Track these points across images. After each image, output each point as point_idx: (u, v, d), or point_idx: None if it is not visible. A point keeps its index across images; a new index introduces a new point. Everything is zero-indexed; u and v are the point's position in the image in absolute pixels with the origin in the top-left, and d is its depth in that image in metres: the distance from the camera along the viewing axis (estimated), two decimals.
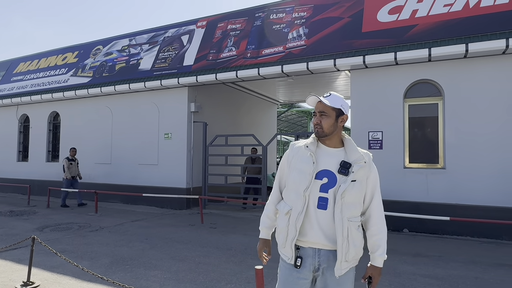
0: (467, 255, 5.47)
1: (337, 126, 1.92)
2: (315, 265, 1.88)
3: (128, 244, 5.94)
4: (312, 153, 1.91)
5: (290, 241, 1.89)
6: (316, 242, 1.87)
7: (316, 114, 1.93)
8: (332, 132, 1.92)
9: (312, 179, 1.86)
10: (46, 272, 4.51)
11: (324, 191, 1.86)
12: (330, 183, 1.86)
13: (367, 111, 7.74)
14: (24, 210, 9.63)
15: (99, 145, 11.47)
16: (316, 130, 1.92)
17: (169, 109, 10.30)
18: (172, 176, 10.02)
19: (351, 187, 1.84)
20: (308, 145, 1.94)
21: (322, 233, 1.85)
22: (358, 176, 1.87)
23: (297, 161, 1.95)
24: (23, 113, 13.78)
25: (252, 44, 9.05)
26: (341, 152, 1.94)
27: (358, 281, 2.09)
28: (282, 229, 1.94)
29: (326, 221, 1.85)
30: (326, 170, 1.88)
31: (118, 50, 11.73)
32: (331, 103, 1.89)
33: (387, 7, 7.62)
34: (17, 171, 13.61)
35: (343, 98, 1.96)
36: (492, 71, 6.77)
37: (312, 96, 1.91)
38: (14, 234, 6.64)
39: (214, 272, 4.53)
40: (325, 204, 1.85)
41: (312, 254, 1.88)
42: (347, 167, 1.86)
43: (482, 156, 6.73)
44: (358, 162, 1.88)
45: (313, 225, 1.86)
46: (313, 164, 1.88)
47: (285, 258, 1.94)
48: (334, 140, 1.95)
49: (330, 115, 1.90)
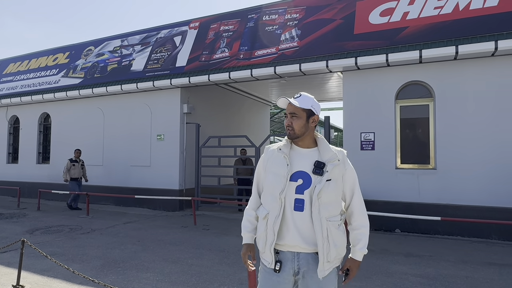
0: (458, 254, 5.53)
1: (309, 126, 1.92)
2: (294, 269, 1.87)
3: (120, 247, 5.89)
4: (286, 156, 1.90)
5: (269, 245, 1.88)
6: (294, 245, 1.86)
7: (287, 116, 1.92)
8: (304, 133, 1.91)
9: (287, 181, 1.85)
10: (36, 275, 4.44)
11: (299, 193, 1.85)
12: (305, 184, 1.85)
13: (359, 112, 7.79)
14: (14, 212, 9.49)
15: (90, 146, 11.36)
16: (288, 132, 1.92)
17: (161, 110, 10.25)
18: (165, 177, 9.97)
19: (326, 186, 1.83)
20: (281, 148, 1.94)
21: (300, 236, 1.84)
22: (333, 175, 1.86)
23: (271, 165, 1.94)
24: (13, 114, 13.59)
25: (245, 46, 9.06)
26: (314, 152, 1.93)
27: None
28: (261, 234, 1.93)
29: (303, 223, 1.84)
30: (300, 171, 1.88)
31: (110, 51, 11.65)
32: (300, 104, 1.89)
33: (379, 9, 7.69)
34: (7, 173, 13.41)
35: (314, 98, 1.96)
36: (481, 72, 6.87)
37: (282, 98, 1.89)
38: (4, 237, 6.53)
39: (207, 274, 4.51)
40: (302, 206, 1.84)
41: (291, 258, 1.87)
42: (321, 167, 1.85)
43: (472, 156, 6.82)
44: (332, 161, 1.87)
45: (290, 228, 1.85)
46: (287, 166, 1.87)
47: (266, 263, 1.92)
48: (306, 140, 1.95)
49: (300, 116, 1.89)
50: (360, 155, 7.65)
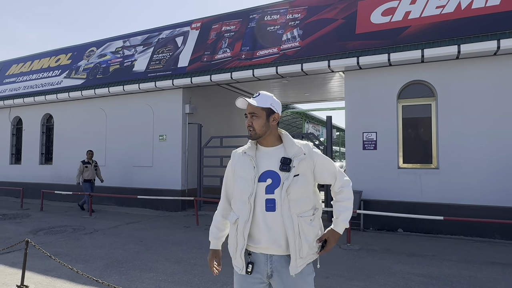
0: (461, 254, 5.53)
1: (270, 125, 1.89)
2: (268, 272, 1.84)
3: (123, 247, 5.91)
4: (252, 158, 1.88)
5: (240, 250, 1.86)
6: (267, 247, 1.83)
7: (248, 116, 1.89)
8: (266, 132, 1.88)
9: (254, 184, 1.82)
10: (40, 275, 4.47)
11: (270, 193, 1.82)
12: (275, 183, 1.82)
13: (361, 112, 7.79)
14: (17, 213, 9.53)
15: (93, 147, 11.37)
16: (249, 132, 1.89)
17: (163, 110, 10.27)
18: (167, 177, 9.99)
19: (294, 182, 1.80)
20: (245, 151, 1.93)
21: (272, 238, 1.81)
22: (300, 169, 1.83)
23: (239, 169, 1.93)
24: (16, 115, 13.65)
25: (246, 46, 9.07)
26: (280, 150, 1.91)
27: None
28: (232, 240, 1.91)
29: (276, 223, 1.81)
30: (268, 171, 1.85)
31: (112, 51, 11.68)
32: (259, 103, 1.86)
33: (380, 8, 7.69)
34: (10, 174, 13.47)
35: (273, 96, 1.94)
36: (483, 71, 6.86)
37: (240, 98, 1.86)
38: (7, 237, 6.57)
39: (209, 273, 4.52)
40: (273, 206, 1.81)
41: (264, 260, 1.85)
42: (287, 163, 1.82)
43: (475, 156, 6.80)
44: (297, 156, 1.84)
45: (261, 230, 1.82)
46: (253, 169, 1.85)
47: (237, 269, 1.89)
48: (270, 139, 1.92)
49: (260, 115, 1.86)
50: (362, 154, 7.64)
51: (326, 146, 8.34)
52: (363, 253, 5.57)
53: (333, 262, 5.02)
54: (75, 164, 11.61)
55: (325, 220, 8.18)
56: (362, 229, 7.29)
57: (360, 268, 4.81)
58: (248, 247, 1.87)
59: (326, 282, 4.26)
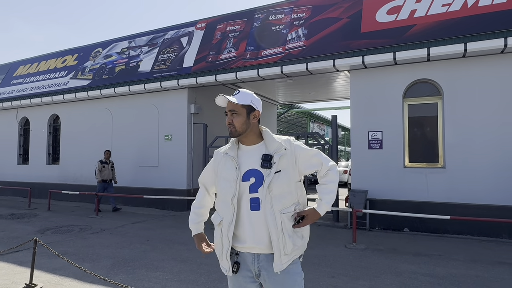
0: (468, 253, 5.49)
1: (250, 123, 1.87)
2: (255, 271, 1.84)
3: (130, 246, 5.95)
4: (233, 158, 1.86)
5: (225, 252, 1.85)
6: (252, 246, 1.82)
7: (228, 114, 1.88)
8: (246, 130, 1.86)
9: (237, 185, 1.81)
10: (48, 274, 4.52)
11: (254, 191, 1.80)
12: (258, 181, 1.80)
13: (366, 111, 7.76)
14: (25, 213, 9.64)
15: (99, 147, 11.47)
16: (229, 130, 1.87)
17: (169, 110, 10.32)
18: (173, 177, 10.04)
19: (276, 178, 1.78)
20: (227, 152, 1.91)
21: (258, 237, 1.80)
22: (281, 165, 1.81)
23: (221, 170, 1.91)
24: (23, 116, 13.80)
25: (251, 45, 9.08)
26: (261, 147, 1.88)
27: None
28: (217, 242, 1.90)
29: (261, 222, 1.79)
30: (251, 169, 1.83)
31: (118, 52, 11.75)
32: (239, 101, 1.84)
33: (386, 7, 7.65)
34: (18, 174, 13.62)
35: (253, 94, 1.92)
36: (490, 70, 6.80)
37: (220, 96, 1.85)
38: (15, 237, 6.65)
39: (215, 272, 4.54)
40: (258, 205, 1.80)
41: (252, 260, 1.84)
42: (268, 160, 1.80)
43: (482, 154, 6.74)
44: (278, 151, 1.82)
45: (246, 230, 1.81)
46: (235, 169, 1.83)
47: (224, 270, 1.89)
48: (250, 137, 1.90)
49: (240, 113, 1.85)
50: (368, 154, 7.61)
51: (332, 145, 8.32)
52: (369, 252, 5.56)
53: (339, 262, 5.01)
54: (82, 164, 11.73)
55: (330, 219, 8.15)
56: (368, 229, 7.26)
57: (366, 267, 4.80)
58: (235, 247, 1.87)
59: (332, 281, 4.26)
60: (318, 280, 4.27)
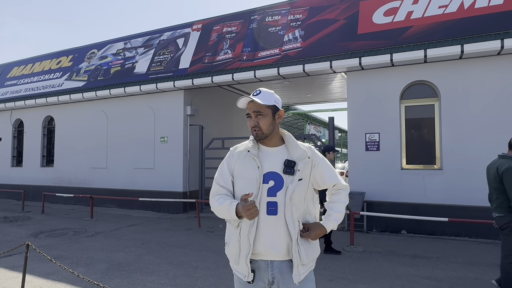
0: (466, 256, 5.46)
1: (276, 123, 1.81)
2: (269, 279, 1.76)
3: (125, 249, 5.86)
4: (255, 157, 1.78)
5: (244, 256, 1.75)
6: (267, 253, 1.74)
7: (251, 116, 1.80)
8: (272, 131, 1.80)
9: (260, 185, 1.73)
10: (40, 279, 4.43)
11: (272, 195, 1.73)
12: (277, 185, 1.74)
13: (363, 112, 7.73)
14: (18, 216, 9.50)
15: (94, 149, 11.37)
16: (255, 133, 1.79)
17: (165, 112, 10.24)
18: (169, 180, 9.95)
19: (298, 186, 1.74)
20: (249, 149, 1.81)
21: (273, 242, 1.73)
22: (304, 173, 1.77)
23: (240, 168, 1.82)
24: (17, 117, 13.64)
25: (248, 47, 9.03)
26: (283, 150, 1.82)
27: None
28: (234, 245, 1.79)
29: (276, 228, 1.72)
30: (271, 172, 1.76)
31: (113, 53, 11.66)
32: (264, 101, 1.76)
33: (383, 9, 7.64)
34: (11, 177, 13.45)
35: (274, 93, 1.85)
36: (487, 71, 6.80)
37: (243, 97, 1.77)
38: (8, 240, 6.53)
39: (212, 276, 4.47)
40: (275, 209, 1.72)
41: (265, 267, 1.76)
42: (292, 166, 1.75)
43: (479, 156, 6.72)
44: (302, 159, 1.77)
45: (262, 235, 1.73)
46: (258, 168, 1.76)
47: (241, 275, 1.79)
48: (274, 139, 1.83)
49: (266, 114, 1.77)
50: (365, 156, 7.58)
51: None
52: (366, 255, 5.51)
53: (337, 265, 4.96)
54: (77, 166, 11.60)
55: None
56: (366, 231, 7.22)
57: (365, 270, 4.75)
58: None
59: (331, 285, 4.21)
60: (316, 284, 4.21)
